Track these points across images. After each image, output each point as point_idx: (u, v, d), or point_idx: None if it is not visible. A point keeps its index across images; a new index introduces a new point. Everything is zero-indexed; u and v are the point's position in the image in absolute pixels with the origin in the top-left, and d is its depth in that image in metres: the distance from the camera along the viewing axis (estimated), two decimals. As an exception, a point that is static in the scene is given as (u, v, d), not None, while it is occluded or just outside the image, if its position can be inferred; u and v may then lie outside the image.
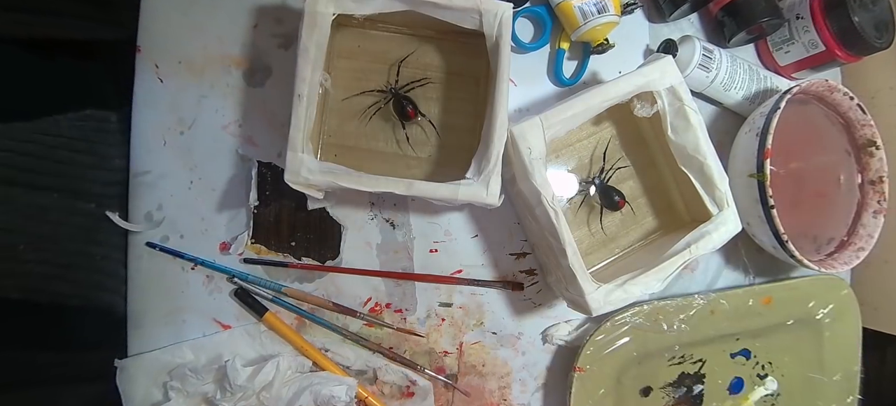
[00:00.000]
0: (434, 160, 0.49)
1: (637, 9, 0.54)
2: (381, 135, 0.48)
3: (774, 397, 0.57)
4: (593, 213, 0.51)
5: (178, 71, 0.48)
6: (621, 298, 0.42)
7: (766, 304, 0.55)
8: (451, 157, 0.48)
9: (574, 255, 0.42)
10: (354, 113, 0.48)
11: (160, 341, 0.47)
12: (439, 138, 0.48)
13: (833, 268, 0.52)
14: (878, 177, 0.55)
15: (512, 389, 0.53)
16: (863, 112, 0.54)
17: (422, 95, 0.48)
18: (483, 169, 0.41)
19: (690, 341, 0.53)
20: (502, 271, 0.52)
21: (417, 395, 0.50)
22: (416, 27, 0.47)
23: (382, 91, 0.47)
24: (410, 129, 0.48)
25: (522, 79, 0.52)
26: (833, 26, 0.51)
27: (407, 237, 0.50)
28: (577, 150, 0.51)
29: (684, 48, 0.52)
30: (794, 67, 0.56)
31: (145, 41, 0.48)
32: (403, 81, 0.47)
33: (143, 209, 0.48)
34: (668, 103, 0.44)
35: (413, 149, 0.48)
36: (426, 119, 0.48)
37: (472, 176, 0.41)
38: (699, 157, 0.45)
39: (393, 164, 0.48)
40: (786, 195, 0.51)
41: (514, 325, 0.53)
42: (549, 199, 0.41)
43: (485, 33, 0.42)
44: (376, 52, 0.48)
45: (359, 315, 0.49)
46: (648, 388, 0.54)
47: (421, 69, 0.48)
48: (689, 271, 0.56)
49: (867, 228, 0.54)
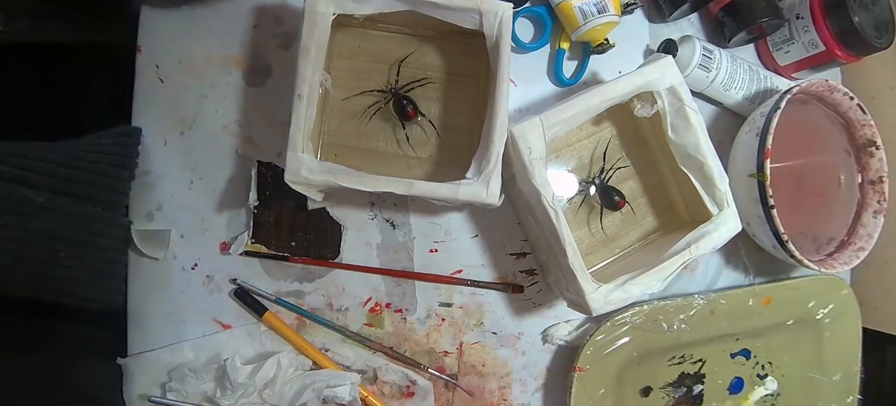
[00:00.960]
0: (434, 160, 0.49)
1: (637, 9, 0.54)
2: (381, 135, 0.48)
3: (774, 397, 0.57)
4: (593, 213, 0.51)
5: (179, 71, 0.48)
6: (621, 298, 0.42)
7: (766, 304, 0.55)
8: (451, 157, 0.48)
9: (574, 255, 0.42)
10: (354, 113, 0.48)
11: (160, 341, 0.48)
12: (439, 138, 0.48)
13: (833, 268, 0.52)
14: (878, 177, 0.55)
15: (512, 389, 0.53)
16: (863, 112, 0.54)
17: (422, 95, 0.48)
18: (483, 169, 0.41)
19: (690, 341, 0.53)
20: (502, 271, 0.52)
21: (417, 394, 0.50)
22: (417, 27, 0.47)
23: (382, 91, 0.47)
24: (410, 129, 0.48)
25: (522, 79, 0.52)
26: (833, 26, 0.51)
27: (407, 237, 0.50)
28: (577, 150, 0.51)
29: (684, 48, 0.52)
30: (794, 67, 0.56)
31: (145, 41, 0.48)
32: (403, 81, 0.47)
33: (143, 209, 0.48)
34: (669, 103, 0.44)
35: (413, 149, 0.48)
36: (426, 119, 0.48)
37: (473, 176, 0.41)
38: (699, 157, 0.45)
39: (393, 163, 0.48)
40: (786, 195, 0.51)
41: (514, 325, 0.53)
42: (549, 199, 0.41)
43: (485, 33, 0.42)
44: (376, 52, 0.48)
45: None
46: (648, 388, 0.54)
47: (421, 69, 0.48)
48: (689, 271, 0.56)
49: (867, 228, 0.54)
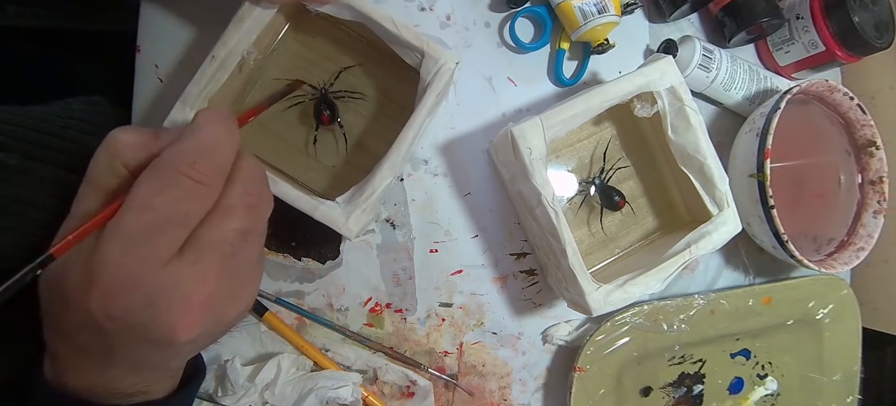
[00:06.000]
0: (335, 173, 0.47)
1: (637, 9, 0.54)
2: (295, 127, 0.47)
3: (774, 397, 0.57)
4: (593, 213, 0.51)
5: (179, 71, 0.48)
6: (621, 299, 0.42)
7: (766, 304, 0.55)
8: (352, 176, 0.46)
9: (574, 256, 0.42)
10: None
11: (160, 341, 0.47)
12: (347, 154, 0.47)
13: (833, 268, 0.52)
14: (878, 177, 0.55)
15: (512, 389, 0.53)
16: (863, 112, 0.54)
17: (352, 109, 0.47)
18: (354, 200, 0.39)
19: (690, 341, 0.53)
20: (502, 271, 0.52)
21: (418, 395, 0.50)
22: (374, 42, 0.46)
23: (313, 87, 0.46)
24: (322, 135, 0.46)
25: (522, 79, 0.52)
26: (833, 26, 0.51)
27: (407, 237, 0.50)
28: (578, 150, 0.51)
29: (684, 48, 0.52)
30: (794, 67, 0.56)
31: (145, 41, 0.48)
32: (339, 87, 0.46)
33: (143, 209, 0.48)
34: (669, 103, 0.44)
35: (317, 153, 0.47)
36: (341, 130, 0.46)
37: (342, 201, 0.40)
38: (699, 157, 0.45)
39: (293, 159, 0.47)
40: (786, 195, 0.51)
41: (514, 325, 0.53)
42: (550, 199, 0.41)
43: (421, 75, 0.41)
44: (327, 50, 0.47)
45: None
46: (648, 388, 0.54)
47: (362, 83, 0.47)
48: (689, 271, 0.56)
49: (867, 228, 0.55)
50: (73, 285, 0.25)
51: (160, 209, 0.25)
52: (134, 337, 0.26)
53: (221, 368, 0.46)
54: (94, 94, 0.48)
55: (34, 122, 0.41)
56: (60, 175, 0.42)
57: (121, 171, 0.27)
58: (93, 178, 0.27)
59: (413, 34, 0.40)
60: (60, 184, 0.41)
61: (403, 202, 0.50)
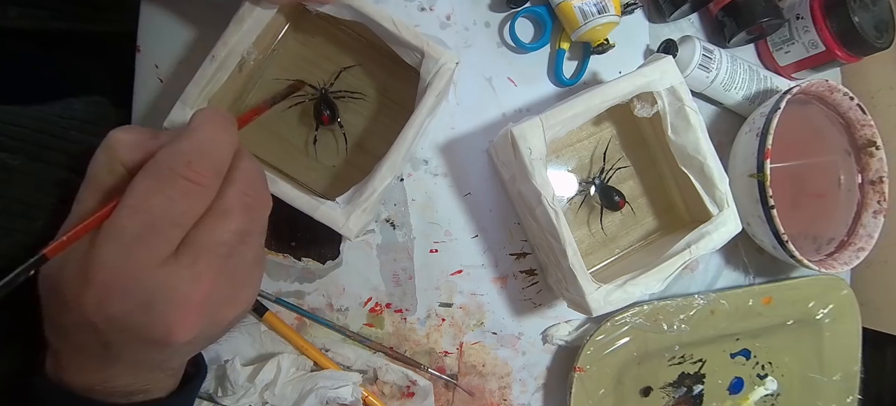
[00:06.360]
0: (335, 173, 0.47)
1: (637, 9, 0.54)
2: (295, 127, 0.47)
3: (774, 397, 0.58)
4: (593, 213, 0.51)
5: (179, 71, 0.48)
6: (621, 299, 0.42)
7: (766, 304, 0.55)
8: (352, 176, 0.46)
9: (574, 256, 0.42)
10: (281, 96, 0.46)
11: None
12: (347, 154, 0.47)
13: (833, 268, 0.52)
14: (878, 177, 0.55)
15: (512, 389, 0.53)
16: (863, 112, 0.54)
17: (352, 109, 0.47)
18: (354, 200, 0.39)
19: (690, 341, 0.53)
20: (502, 271, 0.52)
21: (418, 395, 0.50)
22: (374, 42, 0.46)
23: (313, 87, 0.46)
24: (323, 134, 0.46)
25: (522, 79, 0.52)
26: (833, 26, 0.51)
27: (407, 237, 0.50)
28: (578, 150, 0.51)
29: (684, 48, 0.52)
30: (794, 67, 0.56)
31: (145, 41, 0.48)
32: (339, 87, 0.46)
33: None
34: (669, 103, 0.44)
35: (317, 153, 0.47)
36: (341, 130, 0.46)
37: (342, 201, 0.40)
38: (699, 158, 0.45)
39: (294, 159, 0.47)
40: (786, 195, 0.51)
41: (514, 325, 0.53)
42: (550, 199, 0.41)
43: (420, 74, 0.41)
44: (327, 50, 0.47)
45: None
46: (648, 388, 0.54)
47: (363, 83, 0.47)
48: (689, 271, 0.56)
49: (867, 228, 0.55)
50: (70, 285, 0.25)
51: (155, 209, 0.25)
52: (131, 337, 0.26)
53: (221, 368, 0.46)
54: (94, 94, 0.48)
55: (36, 123, 0.41)
56: (63, 175, 0.42)
57: (119, 171, 0.27)
58: (92, 177, 0.27)
59: (413, 34, 0.40)
60: (63, 184, 0.41)
61: (403, 202, 0.50)
